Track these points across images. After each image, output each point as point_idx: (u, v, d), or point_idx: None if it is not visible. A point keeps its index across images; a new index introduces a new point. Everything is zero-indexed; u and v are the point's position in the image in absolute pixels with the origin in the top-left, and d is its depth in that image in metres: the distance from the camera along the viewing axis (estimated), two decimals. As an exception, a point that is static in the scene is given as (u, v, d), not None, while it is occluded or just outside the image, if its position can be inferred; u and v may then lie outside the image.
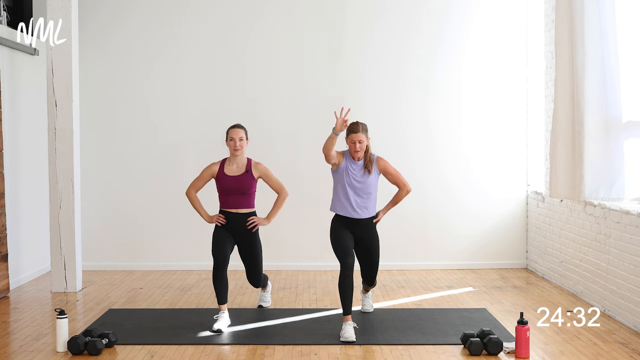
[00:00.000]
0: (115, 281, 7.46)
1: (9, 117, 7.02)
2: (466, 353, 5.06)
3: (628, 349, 5.12)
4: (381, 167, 5.74)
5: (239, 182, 5.83)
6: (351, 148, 5.65)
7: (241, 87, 8.06)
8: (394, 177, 5.79)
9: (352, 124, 5.66)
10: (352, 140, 5.62)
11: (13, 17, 7.61)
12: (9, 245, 6.93)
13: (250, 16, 8.03)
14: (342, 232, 5.66)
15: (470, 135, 8.07)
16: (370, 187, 5.67)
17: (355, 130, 5.61)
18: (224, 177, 5.84)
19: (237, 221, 5.86)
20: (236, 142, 5.81)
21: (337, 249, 5.64)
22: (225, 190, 5.84)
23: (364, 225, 5.72)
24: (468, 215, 8.08)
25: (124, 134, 8.08)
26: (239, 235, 5.89)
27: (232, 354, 5.10)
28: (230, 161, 5.90)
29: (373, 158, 5.72)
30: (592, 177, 5.99)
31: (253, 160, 5.96)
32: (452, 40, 8.03)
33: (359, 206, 5.66)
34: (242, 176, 5.85)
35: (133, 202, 8.09)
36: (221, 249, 5.77)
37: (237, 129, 5.88)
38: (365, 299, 6.21)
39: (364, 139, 5.60)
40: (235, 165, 5.88)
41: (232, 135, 5.85)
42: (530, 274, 7.77)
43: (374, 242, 5.78)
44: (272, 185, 5.99)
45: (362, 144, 5.60)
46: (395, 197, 5.85)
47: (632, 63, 5.95)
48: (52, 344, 5.26)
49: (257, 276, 6.09)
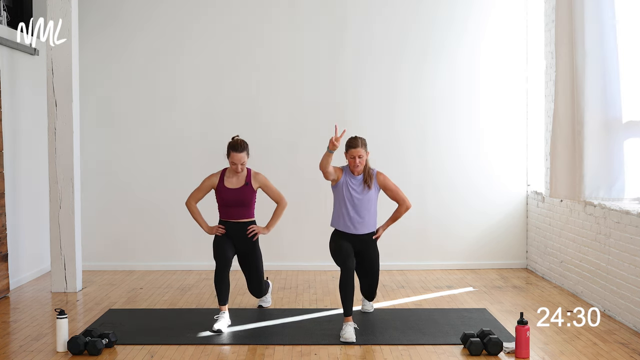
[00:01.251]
0: (115, 281, 7.46)
1: (9, 117, 7.02)
2: (466, 353, 5.07)
3: (628, 349, 5.12)
4: (381, 182, 5.78)
5: (239, 194, 5.83)
6: (351, 163, 5.67)
7: (241, 87, 8.05)
8: (393, 193, 5.83)
9: (351, 139, 5.69)
10: (352, 155, 5.64)
11: (13, 17, 7.61)
12: (9, 245, 6.93)
13: (250, 16, 8.03)
14: (342, 242, 5.70)
15: (470, 135, 8.06)
16: (369, 203, 5.71)
17: (354, 145, 5.63)
18: (224, 189, 5.83)
19: (237, 231, 5.87)
20: (238, 167, 5.76)
21: (337, 256, 5.66)
22: (226, 202, 5.84)
23: (364, 240, 5.77)
24: (468, 215, 8.08)
25: (124, 134, 8.08)
26: (239, 244, 5.90)
27: (232, 354, 5.10)
28: (230, 173, 5.87)
29: (372, 173, 5.75)
30: (592, 177, 5.98)
31: (252, 170, 5.94)
32: (452, 40, 8.03)
33: (359, 222, 5.70)
34: (242, 188, 5.84)
35: (133, 202, 8.08)
36: (223, 252, 5.76)
37: (239, 154, 5.73)
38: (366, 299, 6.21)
39: (363, 154, 5.62)
40: (235, 177, 5.86)
41: (234, 159, 5.74)
42: (530, 274, 7.77)
43: (374, 257, 5.83)
44: (271, 196, 5.98)
45: (362, 158, 5.62)
46: (395, 214, 5.89)
47: (632, 63, 5.95)
48: (52, 344, 5.26)
49: (259, 285, 6.08)
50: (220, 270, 5.72)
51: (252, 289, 6.12)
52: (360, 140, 5.65)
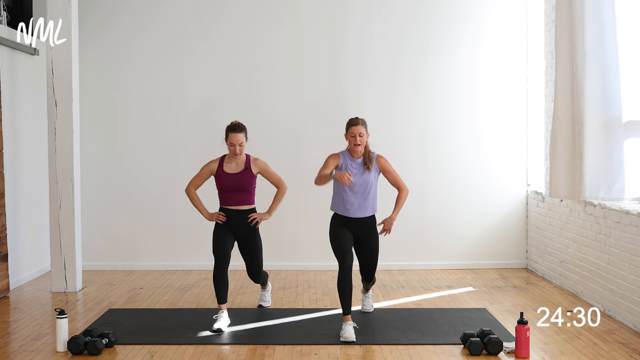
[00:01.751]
0: (115, 281, 7.46)
1: (9, 117, 7.02)
2: (466, 353, 5.06)
3: (628, 349, 5.12)
4: (381, 165, 5.70)
5: (238, 179, 5.82)
6: (351, 142, 5.61)
7: (241, 87, 8.05)
8: (393, 177, 5.75)
9: (351, 119, 5.65)
10: (353, 133, 5.58)
11: (13, 17, 7.61)
12: (9, 245, 6.93)
13: (250, 17, 8.03)
14: (341, 232, 5.64)
15: (470, 135, 8.06)
16: (369, 186, 5.63)
17: (355, 123, 5.58)
18: (224, 174, 5.83)
19: (237, 218, 5.85)
20: (236, 148, 5.75)
21: (336, 249, 5.62)
22: (225, 187, 5.83)
23: (364, 224, 5.70)
24: (468, 215, 8.08)
25: (124, 134, 8.08)
26: (239, 232, 5.88)
27: (232, 354, 5.10)
28: (229, 159, 5.87)
29: (372, 156, 5.69)
30: (592, 177, 5.98)
31: (252, 156, 5.94)
32: (452, 40, 8.03)
33: (359, 205, 5.63)
34: (241, 173, 5.84)
35: (133, 202, 8.09)
36: (222, 248, 5.76)
37: (238, 134, 5.75)
38: (366, 299, 6.21)
39: (364, 132, 5.56)
40: (234, 162, 5.86)
41: (232, 140, 5.74)
42: (530, 273, 7.77)
43: (373, 240, 5.76)
44: (271, 180, 5.98)
45: (363, 137, 5.56)
46: (398, 201, 5.76)
47: (632, 63, 5.96)
48: (52, 344, 5.26)
49: (258, 271, 6.09)
50: (218, 268, 5.72)
51: (251, 274, 6.12)
52: (360, 120, 5.59)
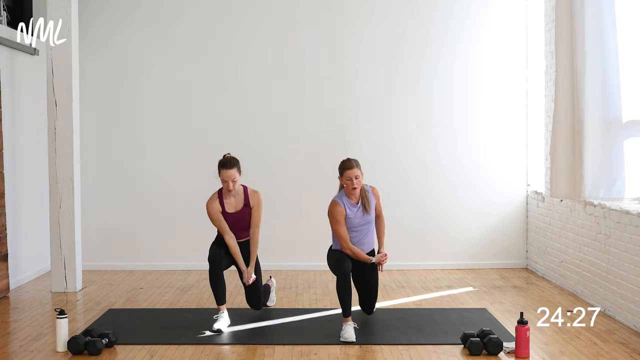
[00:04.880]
0: (115, 281, 7.46)
1: (9, 117, 7.02)
2: (466, 353, 5.06)
3: (628, 349, 5.12)
4: (376, 196, 5.79)
5: (240, 217, 5.82)
6: (348, 186, 5.57)
7: (241, 88, 8.05)
8: (379, 206, 5.85)
9: (344, 161, 5.60)
10: (348, 177, 5.54)
11: (13, 17, 7.61)
12: (9, 245, 6.93)
13: (251, 17, 8.03)
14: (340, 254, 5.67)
15: (470, 135, 8.06)
16: (370, 224, 5.74)
17: (349, 166, 5.54)
18: (226, 214, 5.79)
19: None
20: (229, 184, 5.65)
21: (332, 263, 5.64)
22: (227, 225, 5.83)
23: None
24: (468, 215, 8.08)
25: (124, 134, 8.08)
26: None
27: (232, 354, 5.10)
28: (225, 194, 5.79)
29: (368, 192, 5.71)
30: (592, 177, 5.98)
31: (249, 188, 5.87)
32: (451, 41, 8.03)
33: (359, 241, 5.71)
34: (242, 211, 5.82)
35: (133, 201, 8.08)
36: (217, 255, 5.73)
37: (229, 171, 5.61)
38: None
39: (359, 174, 5.55)
40: (233, 198, 5.80)
41: (224, 177, 5.62)
42: (530, 273, 7.77)
43: (374, 272, 5.83)
44: (252, 218, 5.85)
45: (359, 179, 5.55)
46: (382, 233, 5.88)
47: (632, 63, 5.95)
48: (52, 344, 5.25)
49: (258, 298, 6.03)
50: (214, 271, 5.70)
51: (250, 302, 6.05)
52: (354, 161, 5.56)
